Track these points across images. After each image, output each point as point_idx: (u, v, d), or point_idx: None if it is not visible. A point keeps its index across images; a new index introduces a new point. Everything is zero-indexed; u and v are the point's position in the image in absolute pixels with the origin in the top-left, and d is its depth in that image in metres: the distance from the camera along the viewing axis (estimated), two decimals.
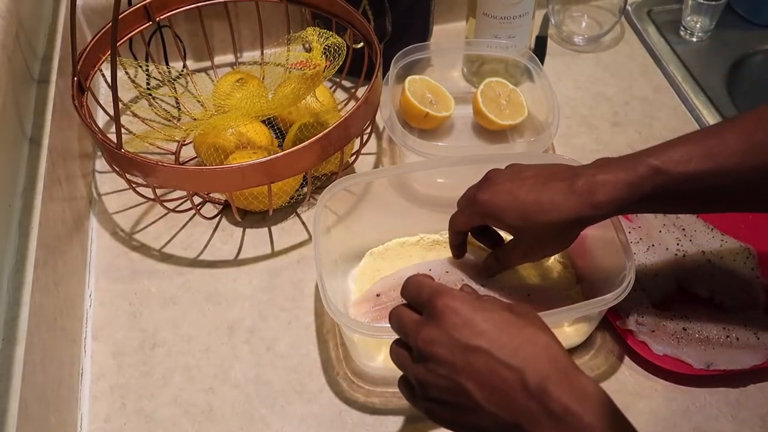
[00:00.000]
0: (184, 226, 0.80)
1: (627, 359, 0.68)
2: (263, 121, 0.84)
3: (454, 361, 0.47)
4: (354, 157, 0.82)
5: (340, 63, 0.73)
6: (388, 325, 0.53)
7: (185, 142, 0.87)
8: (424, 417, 0.51)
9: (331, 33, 0.74)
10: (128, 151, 0.68)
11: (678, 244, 0.74)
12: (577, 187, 0.58)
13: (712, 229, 0.75)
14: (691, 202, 0.59)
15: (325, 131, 0.68)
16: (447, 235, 0.75)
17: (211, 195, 0.82)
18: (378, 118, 0.81)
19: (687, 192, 0.56)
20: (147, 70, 0.88)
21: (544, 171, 0.61)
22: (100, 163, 0.86)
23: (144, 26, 0.83)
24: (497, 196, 0.61)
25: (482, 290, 0.69)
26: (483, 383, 0.46)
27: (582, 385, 0.45)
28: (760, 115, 0.56)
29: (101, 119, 0.86)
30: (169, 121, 0.87)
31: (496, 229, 0.68)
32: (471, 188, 0.65)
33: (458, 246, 0.70)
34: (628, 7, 1.04)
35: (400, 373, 0.53)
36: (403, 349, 0.51)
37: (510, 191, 0.61)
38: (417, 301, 0.51)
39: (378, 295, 0.68)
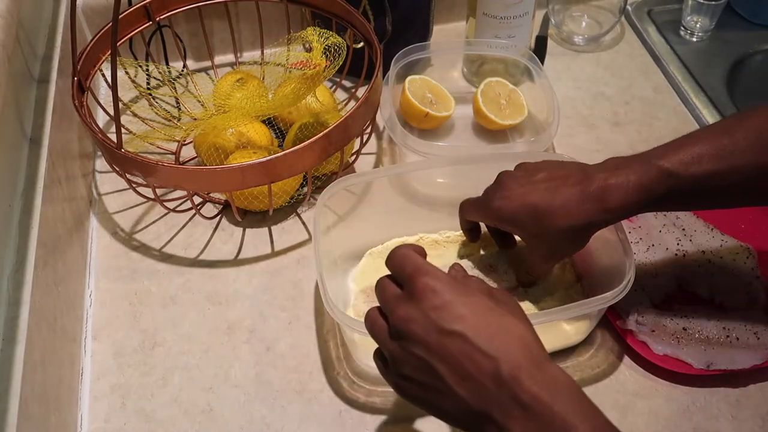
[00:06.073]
0: (184, 226, 0.80)
1: (627, 359, 0.68)
2: (263, 121, 0.83)
3: (428, 341, 0.46)
4: (354, 157, 0.82)
5: (340, 63, 0.73)
6: None
7: (185, 142, 0.87)
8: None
9: (331, 33, 0.74)
10: (128, 151, 0.68)
11: (678, 244, 0.74)
12: (589, 192, 0.59)
13: (712, 229, 0.75)
14: (700, 202, 0.60)
15: (325, 131, 0.68)
16: (447, 235, 0.75)
17: (211, 195, 0.82)
18: (378, 118, 0.81)
19: (698, 192, 0.57)
20: (147, 69, 0.88)
21: (556, 174, 0.61)
22: (100, 163, 0.86)
23: (144, 26, 0.83)
24: (510, 203, 0.62)
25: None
26: (456, 368, 0.45)
27: (553, 375, 0.45)
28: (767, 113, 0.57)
29: (101, 119, 0.86)
30: (169, 121, 0.87)
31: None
32: (486, 190, 0.65)
33: (471, 230, 0.71)
34: (628, 7, 1.04)
35: None
36: (382, 321, 0.50)
37: (523, 197, 0.61)
38: (400, 275, 0.50)
39: None
